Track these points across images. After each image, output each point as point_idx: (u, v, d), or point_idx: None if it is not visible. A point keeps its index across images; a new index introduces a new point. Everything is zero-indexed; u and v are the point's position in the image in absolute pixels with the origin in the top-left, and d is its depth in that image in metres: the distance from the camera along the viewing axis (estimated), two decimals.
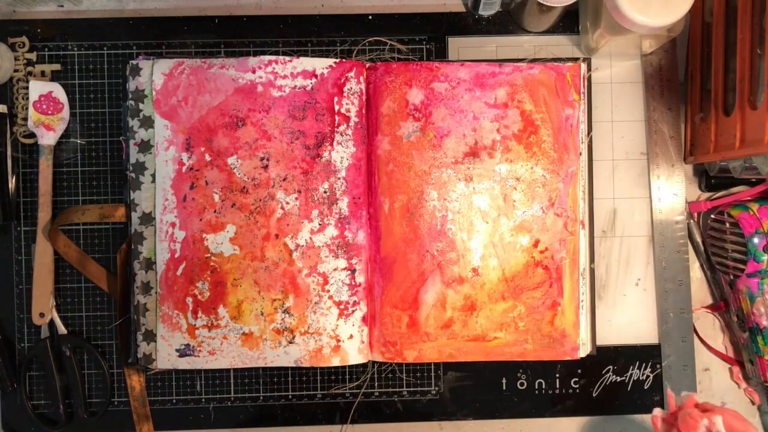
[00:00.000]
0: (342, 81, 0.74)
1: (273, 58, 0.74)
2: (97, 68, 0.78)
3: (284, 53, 0.77)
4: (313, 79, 0.74)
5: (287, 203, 0.73)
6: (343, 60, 0.74)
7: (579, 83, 0.75)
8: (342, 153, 0.74)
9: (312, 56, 0.77)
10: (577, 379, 0.79)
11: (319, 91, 0.74)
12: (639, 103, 0.79)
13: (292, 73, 0.74)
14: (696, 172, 0.80)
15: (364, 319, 0.75)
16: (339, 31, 0.78)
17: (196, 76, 0.73)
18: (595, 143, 0.78)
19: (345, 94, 0.74)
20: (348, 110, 0.74)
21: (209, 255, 0.73)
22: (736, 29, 0.67)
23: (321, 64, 0.74)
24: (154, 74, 0.73)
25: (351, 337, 0.74)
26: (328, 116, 0.73)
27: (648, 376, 0.79)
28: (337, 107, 0.73)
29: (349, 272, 0.74)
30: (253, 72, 0.73)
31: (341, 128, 0.73)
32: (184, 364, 0.74)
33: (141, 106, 0.74)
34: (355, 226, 0.74)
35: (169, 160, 0.73)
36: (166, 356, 0.74)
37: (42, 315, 0.75)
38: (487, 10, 0.77)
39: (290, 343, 0.74)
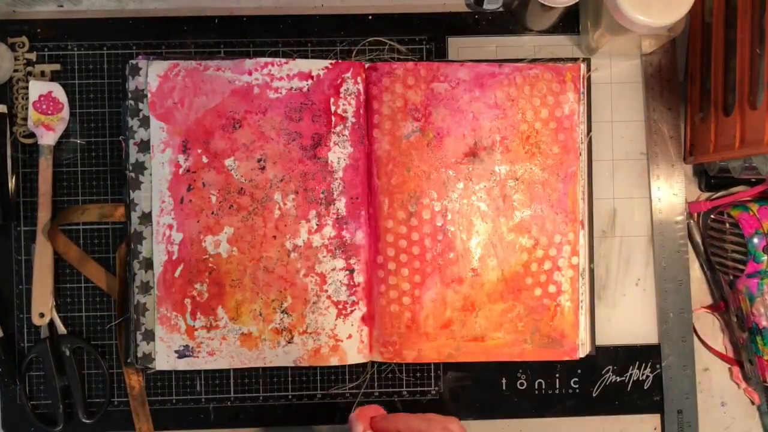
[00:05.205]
0: (338, 82, 0.74)
1: (269, 60, 0.74)
2: (97, 68, 0.78)
3: (284, 53, 0.77)
4: (309, 81, 0.74)
5: (285, 204, 0.73)
6: (339, 61, 0.74)
7: (579, 83, 0.75)
8: (339, 153, 0.74)
9: (312, 56, 0.77)
10: (576, 379, 0.79)
11: (315, 92, 0.74)
12: (639, 103, 0.79)
13: (288, 74, 0.74)
14: (696, 172, 0.80)
15: (363, 319, 0.75)
16: (339, 31, 0.78)
17: (191, 78, 0.73)
18: (595, 143, 0.78)
19: (341, 95, 0.74)
20: (345, 111, 0.74)
21: (207, 256, 0.73)
22: (736, 29, 0.67)
23: (317, 66, 0.74)
24: (149, 76, 0.73)
25: (350, 336, 0.74)
26: (324, 117, 0.73)
27: (648, 376, 0.79)
28: (333, 108, 0.73)
29: (347, 272, 0.74)
30: (250, 74, 0.73)
31: (338, 129, 0.73)
32: (184, 365, 0.74)
33: (140, 105, 0.74)
34: (353, 227, 0.74)
35: (166, 162, 0.73)
36: (164, 357, 0.74)
37: (42, 315, 0.75)
38: (491, 4, 0.77)
39: (289, 342, 0.74)
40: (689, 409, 0.78)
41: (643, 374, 0.79)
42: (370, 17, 0.79)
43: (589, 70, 0.77)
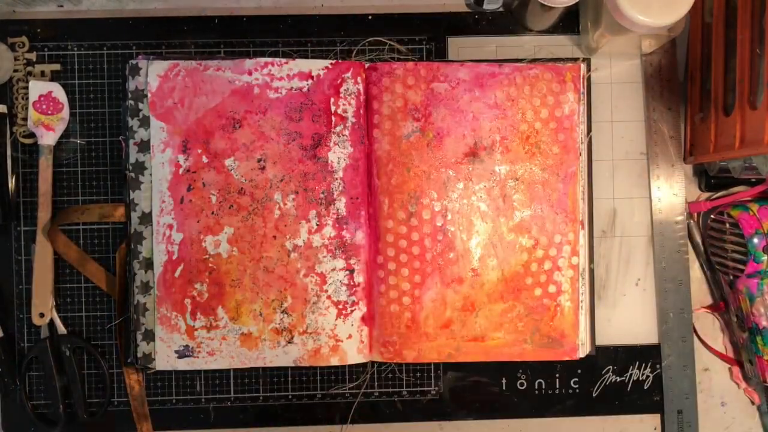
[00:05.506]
0: (338, 82, 0.74)
1: (269, 60, 0.74)
2: (97, 68, 0.78)
3: (284, 53, 0.77)
4: (309, 81, 0.74)
5: (285, 204, 0.73)
6: (339, 61, 0.74)
7: (579, 83, 0.75)
8: (339, 153, 0.74)
9: (312, 56, 0.77)
10: (577, 379, 0.79)
11: (315, 92, 0.74)
12: (639, 103, 0.79)
13: (288, 74, 0.74)
14: (696, 172, 0.80)
15: (363, 319, 0.75)
16: (339, 31, 0.78)
17: (191, 78, 0.73)
18: (595, 143, 0.78)
19: (341, 95, 0.74)
20: (345, 111, 0.74)
21: (207, 256, 0.73)
22: (736, 29, 0.67)
23: (317, 66, 0.74)
24: (149, 76, 0.73)
25: (350, 336, 0.74)
26: (324, 117, 0.73)
27: (648, 376, 0.79)
28: (333, 108, 0.73)
29: (347, 272, 0.74)
30: (250, 74, 0.73)
31: (338, 129, 0.73)
32: (184, 365, 0.74)
33: (140, 105, 0.74)
34: (353, 227, 0.74)
35: (166, 162, 0.73)
36: (165, 357, 0.74)
37: (42, 315, 0.75)
38: (491, 4, 0.77)
39: (289, 342, 0.74)
40: (689, 409, 0.78)
41: (643, 374, 0.79)
42: (370, 17, 0.79)
43: (589, 70, 0.77)
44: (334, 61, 0.74)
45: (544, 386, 0.79)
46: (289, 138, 0.73)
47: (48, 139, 0.75)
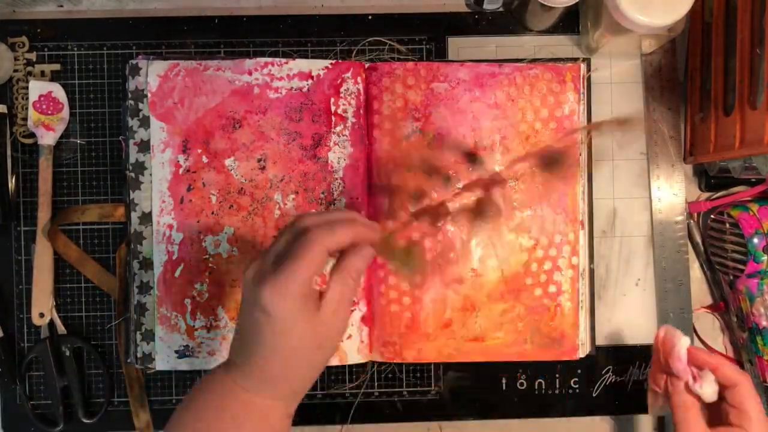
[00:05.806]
0: (338, 82, 0.74)
1: (269, 60, 0.74)
2: (97, 68, 0.78)
3: (284, 53, 0.77)
4: (309, 81, 0.74)
5: (285, 204, 0.73)
6: (339, 61, 0.74)
7: (579, 83, 0.75)
8: (339, 153, 0.74)
9: (312, 56, 0.77)
10: (577, 379, 0.79)
11: (315, 92, 0.74)
12: (639, 103, 0.79)
13: (288, 74, 0.74)
14: (696, 172, 0.80)
15: (363, 319, 0.75)
16: (338, 31, 0.78)
17: (191, 78, 0.73)
18: (595, 143, 0.78)
19: (341, 95, 0.74)
20: (345, 111, 0.74)
21: (207, 256, 0.73)
22: (736, 29, 0.67)
23: (317, 66, 0.74)
24: (149, 76, 0.73)
25: (350, 337, 0.74)
26: (324, 117, 0.74)
27: (648, 377, 0.79)
28: (333, 108, 0.73)
29: None
30: (250, 74, 0.73)
31: (338, 129, 0.73)
32: (184, 365, 0.74)
33: (140, 105, 0.74)
34: None
35: (166, 162, 0.73)
36: (165, 358, 0.74)
37: (42, 315, 0.75)
38: (491, 4, 0.77)
39: None
40: None
41: (643, 374, 0.79)
42: (370, 17, 0.79)
43: (589, 70, 0.77)
44: (334, 61, 0.74)
45: (544, 386, 0.79)
46: (289, 138, 0.73)
47: (48, 139, 0.75)
